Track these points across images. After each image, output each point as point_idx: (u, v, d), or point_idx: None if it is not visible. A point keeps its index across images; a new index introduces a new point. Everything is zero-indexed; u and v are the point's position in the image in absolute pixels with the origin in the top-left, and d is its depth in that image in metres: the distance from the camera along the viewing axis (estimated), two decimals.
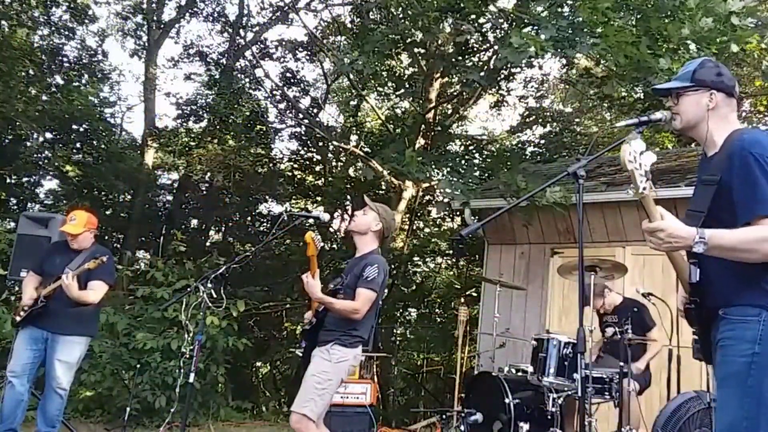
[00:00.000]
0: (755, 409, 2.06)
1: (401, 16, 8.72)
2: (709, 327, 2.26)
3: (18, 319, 4.55)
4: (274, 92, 13.26)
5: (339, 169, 14.51)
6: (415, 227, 14.48)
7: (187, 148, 13.45)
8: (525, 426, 4.69)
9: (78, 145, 13.53)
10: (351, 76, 11.06)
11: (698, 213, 2.20)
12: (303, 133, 13.83)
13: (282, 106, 13.59)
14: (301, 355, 3.88)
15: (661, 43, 6.51)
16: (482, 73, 9.08)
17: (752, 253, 2.06)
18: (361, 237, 3.90)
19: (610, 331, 4.96)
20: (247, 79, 12.98)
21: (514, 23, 7.48)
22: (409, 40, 9.10)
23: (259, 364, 13.24)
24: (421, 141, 11.17)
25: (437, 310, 14.10)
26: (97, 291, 4.53)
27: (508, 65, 8.62)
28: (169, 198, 14.73)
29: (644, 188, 2.06)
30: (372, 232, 3.88)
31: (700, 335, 2.33)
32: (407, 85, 11.30)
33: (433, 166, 8.18)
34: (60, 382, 4.46)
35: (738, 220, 2.09)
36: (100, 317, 5.11)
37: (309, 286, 3.70)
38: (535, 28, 6.67)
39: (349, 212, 3.75)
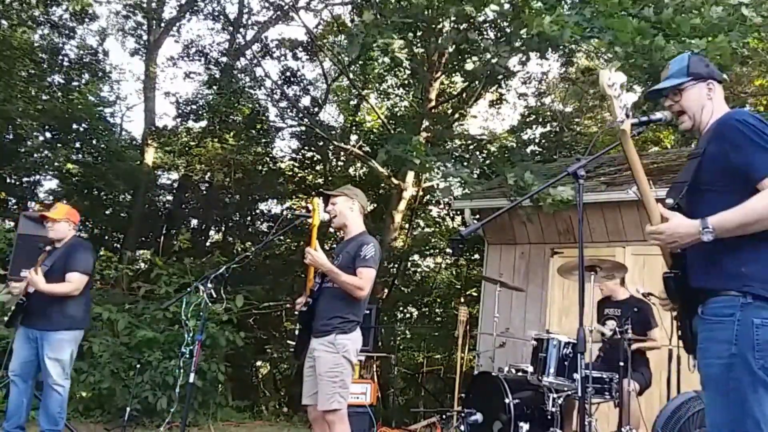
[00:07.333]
0: (740, 410, 2.03)
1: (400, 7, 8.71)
2: (690, 311, 2.24)
3: (5, 319, 4.62)
4: (274, 91, 13.26)
5: (340, 168, 14.50)
6: (415, 226, 14.47)
7: (187, 148, 13.44)
8: (525, 426, 4.68)
9: (78, 144, 13.52)
10: (351, 75, 11.03)
11: (681, 183, 2.23)
12: (303, 132, 13.83)
13: (282, 105, 13.60)
14: (294, 343, 3.84)
15: (671, 33, 6.46)
16: (487, 68, 9.01)
17: (766, 221, 2.03)
18: (346, 224, 3.90)
19: (610, 324, 4.96)
20: (247, 78, 12.96)
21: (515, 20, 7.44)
22: (410, 29, 9.03)
23: (259, 363, 13.23)
24: (421, 139, 11.13)
25: (437, 310, 14.10)
26: (72, 282, 4.53)
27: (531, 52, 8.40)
28: (169, 198, 14.72)
29: (622, 120, 2.03)
30: (352, 215, 3.88)
31: (682, 320, 2.32)
32: (406, 75, 11.22)
33: (435, 160, 8.16)
34: (54, 379, 4.50)
35: (749, 184, 2.06)
36: (90, 308, 5.07)
37: (315, 257, 3.61)
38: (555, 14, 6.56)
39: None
